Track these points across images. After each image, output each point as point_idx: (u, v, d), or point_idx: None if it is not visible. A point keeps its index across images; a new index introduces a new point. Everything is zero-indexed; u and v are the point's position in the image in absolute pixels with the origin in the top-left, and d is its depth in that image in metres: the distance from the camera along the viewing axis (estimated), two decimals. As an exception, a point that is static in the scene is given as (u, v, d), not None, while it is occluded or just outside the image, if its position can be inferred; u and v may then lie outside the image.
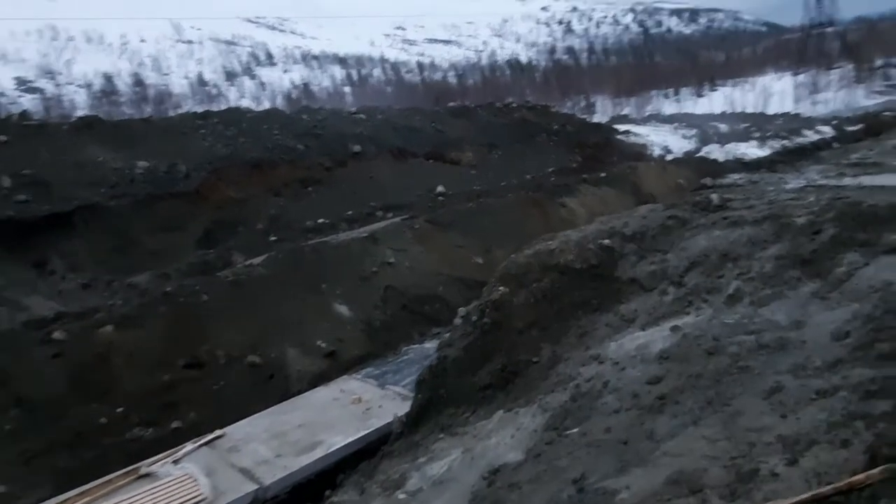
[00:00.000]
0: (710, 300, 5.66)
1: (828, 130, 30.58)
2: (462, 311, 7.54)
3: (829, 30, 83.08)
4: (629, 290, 6.37)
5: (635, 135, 30.54)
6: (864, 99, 61.32)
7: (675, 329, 5.49)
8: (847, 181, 8.06)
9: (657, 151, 27.87)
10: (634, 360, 5.43)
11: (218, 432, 8.57)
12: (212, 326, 12.82)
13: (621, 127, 32.47)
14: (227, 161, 19.92)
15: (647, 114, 45.72)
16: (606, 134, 29.90)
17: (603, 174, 22.53)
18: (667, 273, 6.25)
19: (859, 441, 3.20)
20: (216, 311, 13.20)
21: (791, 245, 5.74)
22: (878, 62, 74.06)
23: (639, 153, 27.08)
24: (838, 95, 61.61)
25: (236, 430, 8.81)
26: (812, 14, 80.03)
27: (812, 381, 4.07)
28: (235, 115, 23.38)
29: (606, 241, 6.79)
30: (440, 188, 21.63)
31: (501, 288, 7.13)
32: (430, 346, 10.25)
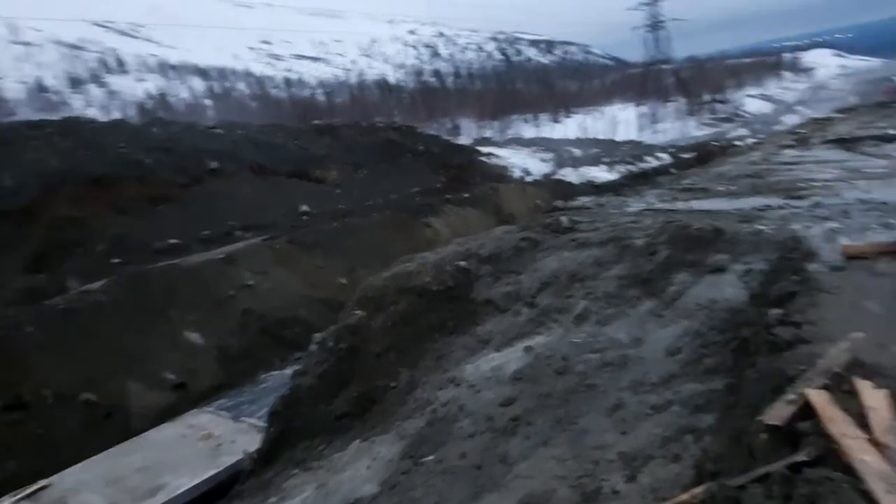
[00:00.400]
0: (560, 320, 5.81)
1: (666, 157, 33.90)
2: (317, 336, 7.19)
3: (666, 67, 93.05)
4: (485, 312, 6.39)
5: (497, 157, 31.77)
6: (696, 129, 69.13)
7: (527, 349, 5.56)
8: (679, 205, 8.79)
9: (517, 173, 29.17)
10: (490, 382, 5.41)
11: (43, 482, 7.49)
12: (38, 361, 11.32)
13: (484, 149, 33.65)
14: (63, 176, 17.88)
15: (508, 137, 47.86)
16: (470, 155, 30.82)
17: (466, 195, 23.12)
18: (520, 294, 6.35)
19: (688, 455, 3.34)
20: (44, 344, 11.68)
21: (631, 266, 6.07)
22: (706, 97, 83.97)
23: (500, 174, 28.18)
24: (674, 125, 69.00)
25: (65, 479, 7.77)
26: (650, 52, 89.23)
27: (649, 396, 4.25)
28: (75, 126, 21.08)
29: (463, 263, 6.80)
30: (304, 207, 20.96)
31: (358, 312, 6.89)
32: (292, 371, 9.72)
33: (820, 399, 2.21)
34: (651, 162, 31.44)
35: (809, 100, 78.56)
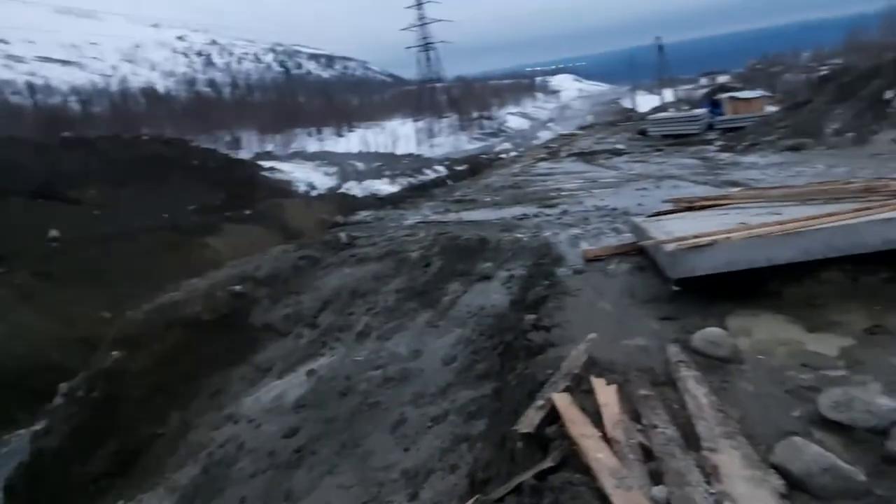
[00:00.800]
0: (342, 338, 5.71)
1: (443, 170, 35.99)
2: (63, 387, 6.13)
3: (439, 85, 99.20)
4: (265, 338, 6.04)
5: (281, 171, 30.80)
6: (468, 143, 74.79)
7: (310, 373, 5.36)
8: (451, 216, 9.29)
9: (302, 187, 28.57)
10: (271, 414, 5.10)
11: None
12: None
13: (267, 163, 32.37)
14: None
15: (292, 151, 46.68)
16: (251, 170, 29.40)
17: (249, 211, 21.94)
18: (301, 315, 6.13)
19: (464, 464, 3.47)
20: None
21: (408, 278, 6.21)
22: (475, 114, 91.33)
23: (285, 189, 27.36)
24: (449, 140, 73.85)
25: None
26: (423, 70, 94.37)
27: (429, 408, 4.35)
28: None
29: (238, 288, 6.35)
30: (53, 233, 17.96)
31: (115, 353, 6.03)
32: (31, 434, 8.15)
33: (563, 402, 2.44)
34: (429, 174, 33.14)
35: (558, 118, 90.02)
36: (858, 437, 2.10)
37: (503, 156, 38.10)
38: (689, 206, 5.01)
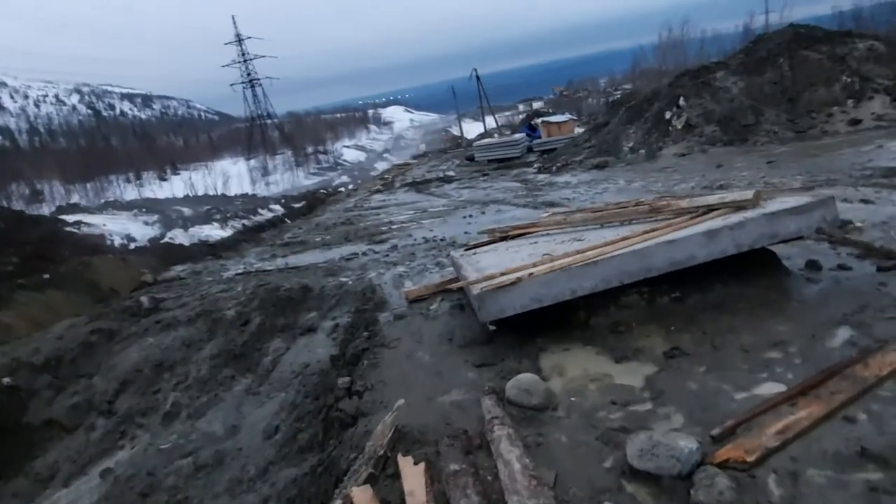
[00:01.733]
0: (145, 424, 4.92)
1: (279, 208, 34.56)
2: None
3: (269, 121, 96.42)
4: (46, 437, 5.03)
5: (90, 225, 27.46)
6: (305, 179, 73.20)
7: (105, 473, 4.51)
8: (279, 261, 8.70)
9: (118, 241, 25.68)
10: (54, 536, 4.19)
11: None
12: None
13: (72, 217, 28.71)
14: None
15: (104, 200, 42.19)
16: (52, 226, 25.79)
17: (48, 275, 19.16)
18: (93, 402, 5.21)
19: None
20: None
21: (224, 341, 5.58)
22: (310, 149, 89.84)
23: (95, 245, 24.28)
24: (284, 177, 71.72)
25: None
26: (251, 107, 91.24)
27: (247, 496, 3.80)
28: None
29: (7, 380, 5.26)
30: None
31: None
32: None
33: (363, 497, 2.13)
34: (265, 214, 31.61)
35: (393, 148, 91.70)
36: (666, 486, 2.05)
37: (342, 189, 37.66)
38: (503, 236, 5.04)
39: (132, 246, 25.50)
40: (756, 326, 3.01)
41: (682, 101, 15.91)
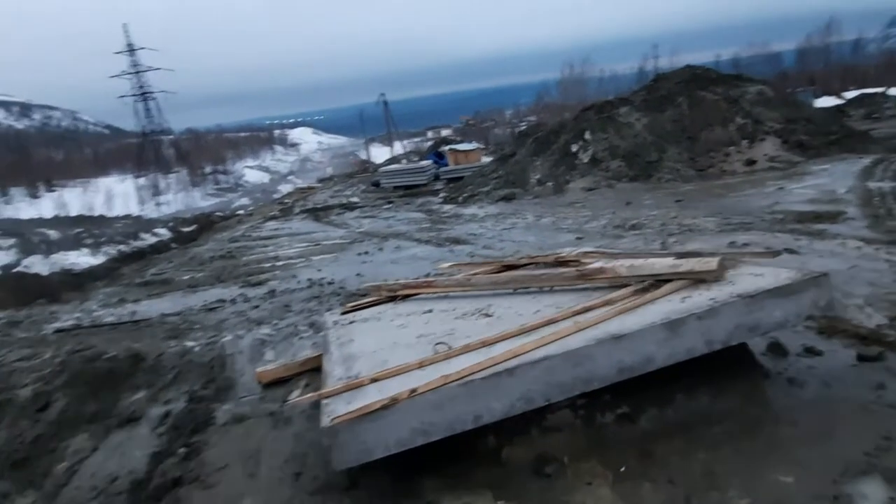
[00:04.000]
0: None
1: (165, 232, 31.60)
2: None
3: (164, 138, 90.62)
4: None
5: (-73, 249, 23.56)
6: (202, 200, 68.89)
7: None
8: (125, 310, 7.10)
9: (-41, 269, 22.13)
10: None
11: None
12: None
13: None
14: None
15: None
16: None
17: None
18: None
19: None
20: None
21: (6, 436, 4.03)
22: (209, 168, 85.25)
23: (-70, 273, 20.74)
24: (178, 197, 67.09)
25: None
26: (143, 122, 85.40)
27: None
28: None
29: None
30: None
31: None
32: None
33: None
34: (147, 239, 28.69)
35: (299, 170, 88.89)
36: None
37: (240, 212, 35.22)
38: (391, 296, 3.93)
39: (-21, 274, 22.08)
40: (746, 472, 2.07)
41: (587, 135, 15.69)
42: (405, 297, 3.91)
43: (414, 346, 2.71)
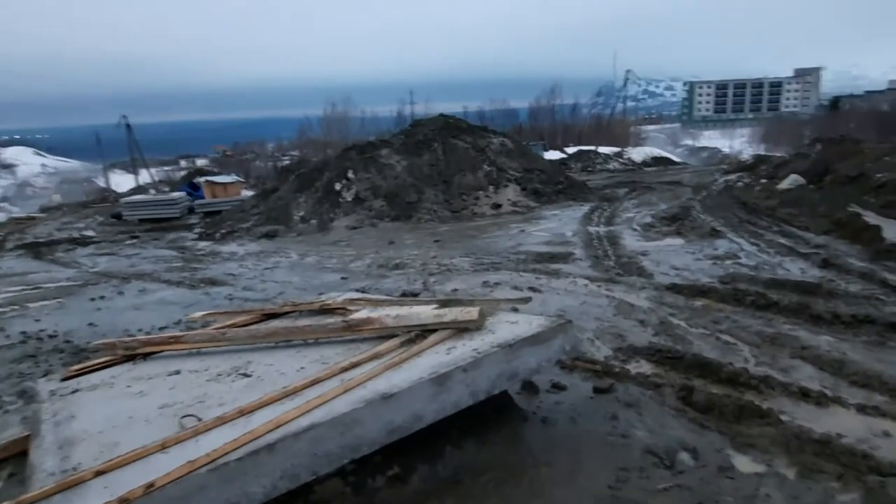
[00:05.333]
0: None
1: None
2: None
3: None
4: None
5: None
6: None
7: None
8: None
9: None
10: None
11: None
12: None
13: None
14: None
15: None
16: None
17: None
18: None
19: None
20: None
21: None
22: None
23: None
24: None
25: None
26: None
27: None
28: None
29: None
30: None
31: None
32: None
33: None
34: None
35: (15, 196, 74.34)
36: None
37: (-81, 247, 27.95)
38: (129, 355, 3.35)
39: None
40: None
41: (350, 174, 15.93)
42: (147, 356, 3.37)
43: (155, 421, 2.30)
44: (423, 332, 2.70)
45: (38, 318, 7.05)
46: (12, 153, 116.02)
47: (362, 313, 3.37)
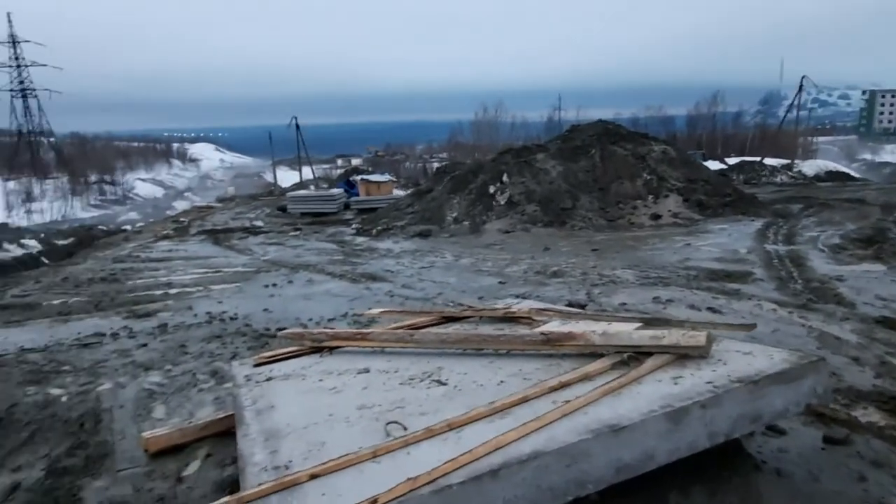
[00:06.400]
0: None
1: (34, 244, 28.31)
2: None
3: (45, 140, 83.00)
4: None
5: None
6: (82, 211, 63.15)
7: None
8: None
9: None
10: None
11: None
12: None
13: None
14: None
15: None
16: None
17: None
18: None
19: None
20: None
21: None
22: (94, 177, 78.62)
23: None
24: (55, 206, 61.04)
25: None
26: (20, 121, 77.91)
27: None
28: None
29: None
30: None
31: None
32: None
33: None
34: (12, 250, 25.55)
35: (197, 187, 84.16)
36: None
37: (127, 227, 32.38)
38: (315, 347, 3.38)
39: None
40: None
41: (505, 178, 15.82)
42: (332, 349, 3.38)
43: (356, 423, 2.21)
44: (636, 353, 2.38)
45: (220, 301, 7.64)
46: (198, 149, 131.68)
47: (551, 325, 3.11)
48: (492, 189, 15.53)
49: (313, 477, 1.76)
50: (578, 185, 15.44)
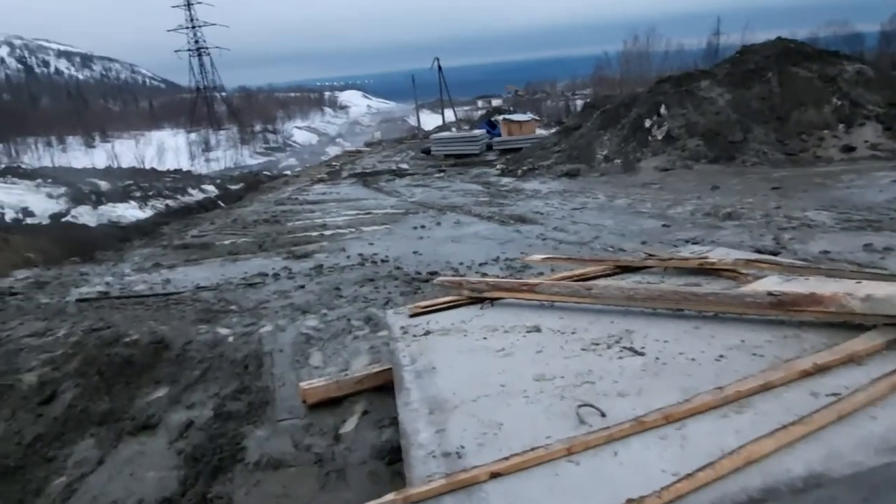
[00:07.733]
0: None
1: (212, 189, 31.34)
2: None
3: (217, 94, 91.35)
4: None
5: (-22, 193, 23.77)
6: (250, 158, 69.15)
7: None
8: (159, 276, 6.43)
9: (11, 215, 22.28)
10: None
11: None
12: None
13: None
14: None
15: (3, 165, 37.73)
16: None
17: None
18: None
19: None
20: None
21: (4, 433, 3.36)
22: (258, 127, 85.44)
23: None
24: (227, 154, 67.36)
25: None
26: (198, 78, 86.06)
27: None
28: None
29: None
30: None
31: None
32: None
33: None
34: (195, 195, 28.47)
35: (347, 133, 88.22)
36: None
37: (287, 172, 34.74)
38: (474, 297, 3.03)
39: (28, 221, 22.18)
40: None
41: (663, 110, 14.32)
42: (493, 301, 3.00)
43: (536, 399, 1.82)
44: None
45: (371, 242, 7.66)
46: (346, 96, 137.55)
47: (770, 281, 2.45)
48: (647, 123, 14.15)
49: (494, 476, 1.40)
50: (751, 114, 13.53)
